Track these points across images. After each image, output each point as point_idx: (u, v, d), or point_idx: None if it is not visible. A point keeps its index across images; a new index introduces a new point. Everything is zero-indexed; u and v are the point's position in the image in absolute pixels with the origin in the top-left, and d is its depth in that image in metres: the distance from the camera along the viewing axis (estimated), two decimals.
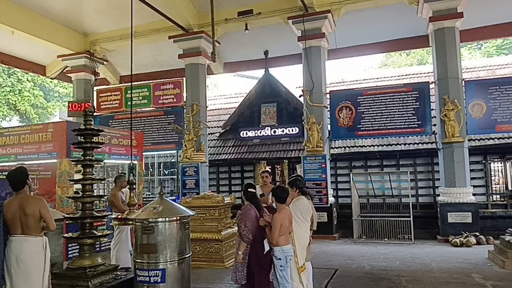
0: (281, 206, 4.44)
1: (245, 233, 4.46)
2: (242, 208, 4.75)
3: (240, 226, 4.52)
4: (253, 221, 4.54)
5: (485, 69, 14.09)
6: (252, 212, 4.61)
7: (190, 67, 12.45)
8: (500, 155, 11.44)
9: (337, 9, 10.95)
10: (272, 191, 4.60)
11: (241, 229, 4.50)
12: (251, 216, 4.56)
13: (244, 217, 4.55)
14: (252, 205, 4.69)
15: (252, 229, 4.48)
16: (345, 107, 11.21)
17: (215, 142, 14.50)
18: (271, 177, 6.74)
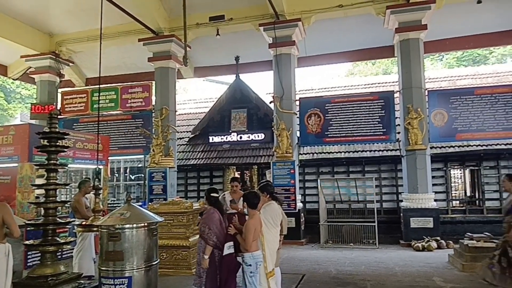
0: (253, 212, 4.44)
1: (209, 236, 4.51)
2: (205, 212, 4.81)
3: (204, 229, 4.57)
4: (218, 224, 4.60)
5: (446, 80, 14.73)
6: (216, 216, 4.68)
7: (160, 70, 12.31)
8: (460, 162, 11.97)
9: (307, 17, 11.16)
10: (244, 197, 4.59)
11: (204, 233, 4.55)
12: (215, 220, 4.63)
13: (208, 221, 4.61)
14: (215, 209, 4.77)
15: (217, 232, 4.55)
16: (313, 114, 11.40)
17: (184, 147, 14.36)
18: (240, 184, 6.74)
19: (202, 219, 4.75)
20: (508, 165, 11.54)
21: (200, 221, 4.80)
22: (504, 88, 10.61)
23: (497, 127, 10.34)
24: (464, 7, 10.55)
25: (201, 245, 4.68)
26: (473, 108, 10.51)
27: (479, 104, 10.49)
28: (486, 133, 10.44)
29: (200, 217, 4.86)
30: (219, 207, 4.84)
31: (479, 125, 10.44)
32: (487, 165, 11.66)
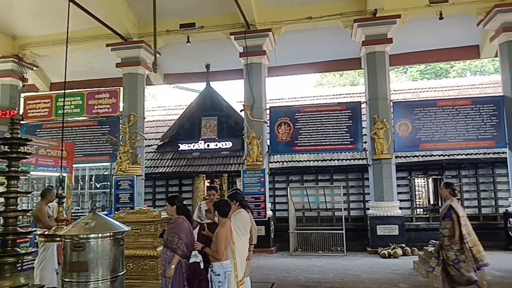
0: (223, 220, 4.40)
1: (179, 246, 4.38)
2: (172, 221, 4.67)
3: (173, 239, 4.41)
4: (187, 233, 4.48)
5: (410, 92, 15.28)
6: (186, 225, 4.56)
7: (128, 76, 12.09)
8: (423, 171, 12.40)
9: (277, 28, 11.32)
10: (216, 205, 4.54)
11: (173, 243, 4.40)
12: (185, 229, 4.51)
13: (177, 230, 4.46)
14: (184, 218, 4.64)
15: (187, 242, 4.42)
16: (283, 123, 11.52)
17: (152, 155, 14.12)
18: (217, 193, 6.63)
19: (170, 228, 4.57)
20: (469, 174, 12.07)
21: (167, 230, 4.59)
22: (464, 101, 11.12)
23: (458, 138, 10.79)
24: (427, 22, 11.01)
25: (167, 256, 4.50)
26: (436, 119, 10.94)
27: (442, 116, 10.93)
28: (448, 144, 10.88)
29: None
30: (187, 215, 4.73)
31: (442, 135, 10.86)
32: (449, 174, 12.14)
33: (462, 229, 5.58)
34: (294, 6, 11.17)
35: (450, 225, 5.69)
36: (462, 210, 5.74)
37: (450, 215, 5.70)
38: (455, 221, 5.63)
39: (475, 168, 12.01)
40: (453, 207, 5.70)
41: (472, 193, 11.98)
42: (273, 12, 11.32)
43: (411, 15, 10.71)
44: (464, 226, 5.60)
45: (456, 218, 5.63)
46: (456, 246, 5.62)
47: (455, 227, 5.61)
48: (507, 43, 10.29)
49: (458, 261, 5.61)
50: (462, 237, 5.58)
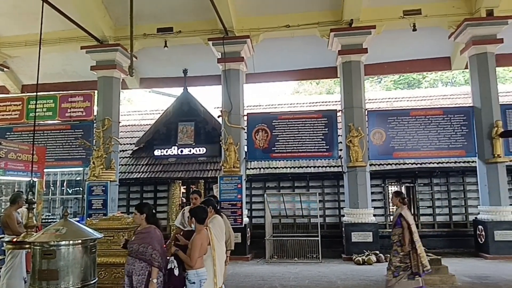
0: (200, 227, 4.35)
1: (155, 257, 4.17)
2: (142, 230, 4.38)
3: (145, 250, 4.16)
4: (162, 243, 4.30)
5: (384, 101, 15.63)
6: (159, 235, 4.36)
7: (103, 80, 11.86)
8: (397, 179, 12.67)
9: (255, 35, 11.39)
10: (193, 211, 4.47)
11: (147, 254, 4.15)
12: (159, 239, 4.31)
13: (150, 240, 4.23)
14: (156, 227, 4.41)
15: (162, 253, 4.25)
16: (261, 130, 11.55)
17: (127, 160, 13.87)
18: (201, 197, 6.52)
19: (141, 238, 4.25)
20: (440, 182, 12.40)
21: (138, 240, 4.29)
22: (436, 111, 11.46)
23: (430, 146, 11.09)
24: (401, 34, 11.31)
25: (135, 268, 4.21)
26: (409, 128, 11.22)
27: (414, 125, 11.21)
28: (420, 152, 11.16)
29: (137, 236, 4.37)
30: (157, 225, 4.49)
31: (414, 144, 11.14)
32: (421, 182, 12.44)
33: (412, 236, 5.85)
34: (272, 14, 11.27)
35: (400, 231, 5.96)
36: (411, 218, 6.01)
37: (401, 222, 5.96)
38: (405, 228, 5.88)
39: (446, 176, 12.36)
40: (403, 215, 5.94)
41: (443, 201, 12.31)
42: (252, 19, 11.39)
43: (385, 26, 11.00)
44: (414, 233, 5.87)
45: (407, 225, 5.87)
46: (403, 252, 5.88)
47: (405, 234, 5.87)
48: (476, 56, 10.69)
49: (399, 268, 5.88)
50: (413, 244, 5.84)
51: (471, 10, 10.69)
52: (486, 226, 9.99)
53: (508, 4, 10.03)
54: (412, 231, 5.85)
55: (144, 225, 4.39)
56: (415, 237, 5.85)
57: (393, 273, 5.93)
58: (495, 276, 7.81)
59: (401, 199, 6.16)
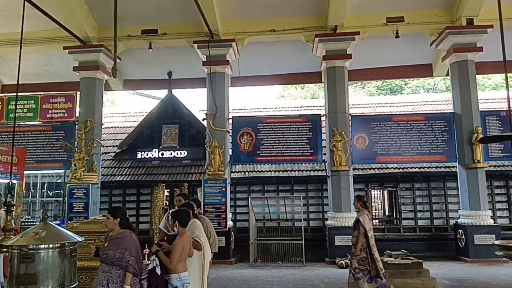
0: (183, 230, 4.33)
1: (131, 263, 3.99)
2: (116, 236, 4.13)
3: (123, 256, 3.97)
4: (138, 249, 4.11)
5: (368, 106, 15.83)
6: (135, 240, 4.16)
7: (86, 81, 11.68)
8: (379, 183, 12.81)
9: (241, 39, 11.42)
10: (176, 215, 4.43)
11: (123, 260, 3.97)
12: (136, 244, 4.12)
13: (127, 245, 4.03)
14: (132, 232, 4.21)
15: (138, 258, 4.06)
16: (246, 133, 11.55)
17: (109, 163, 13.66)
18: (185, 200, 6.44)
19: (116, 243, 4.02)
20: (422, 187, 12.59)
21: (113, 246, 4.02)
22: (418, 116, 11.66)
23: (412, 151, 11.28)
24: (385, 40, 11.50)
25: (112, 276, 4.01)
26: (391, 133, 11.38)
27: (397, 130, 11.38)
28: (403, 157, 11.34)
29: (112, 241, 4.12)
30: (133, 229, 4.31)
31: (396, 149, 11.30)
32: (403, 186, 12.61)
33: (370, 240, 6.01)
34: (257, 18, 11.31)
35: (357, 234, 6.12)
36: (369, 223, 6.16)
37: (359, 226, 6.11)
38: (360, 233, 6.04)
39: (428, 181, 12.56)
40: (361, 220, 6.10)
41: (424, 205, 12.50)
42: (237, 23, 11.41)
43: (369, 33, 11.16)
44: (371, 238, 6.03)
45: (364, 230, 6.02)
46: (360, 256, 6.03)
47: (359, 238, 6.03)
48: (457, 63, 10.94)
49: (359, 270, 6.02)
50: (370, 248, 6.01)
51: (452, 18, 10.95)
52: (466, 230, 10.18)
53: (487, 14, 10.29)
54: (368, 236, 6.01)
55: (118, 230, 4.16)
56: (371, 242, 6.01)
57: (354, 275, 6.06)
58: (474, 279, 7.96)
59: (362, 203, 6.31)
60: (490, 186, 12.05)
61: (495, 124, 11.29)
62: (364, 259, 6.03)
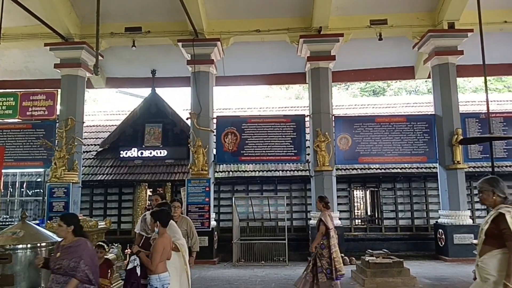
0: (163, 230, 4.29)
1: (88, 273, 3.58)
2: (70, 244, 3.68)
3: (77, 265, 3.53)
4: (94, 258, 3.78)
5: (351, 108, 15.99)
6: (91, 248, 3.78)
7: (67, 78, 11.46)
8: (362, 183, 12.96)
9: (226, 38, 11.39)
10: (156, 215, 4.38)
11: (78, 269, 3.52)
12: (91, 253, 3.76)
13: (82, 253, 3.60)
14: (87, 239, 3.81)
15: (94, 268, 3.69)
16: (230, 133, 11.53)
17: (90, 161, 13.45)
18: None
19: (70, 252, 3.60)
20: (403, 187, 12.78)
21: (66, 255, 3.60)
22: (399, 118, 11.83)
23: (394, 152, 11.43)
24: (368, 43, 11.62)
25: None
26: (374, 134, 11.52)
27: (379, 131, 11.53)
28: (385, 158, 11.49)
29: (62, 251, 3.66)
30: (88, 237, 3.90)
31: (379, 150, 11.45)
32: (385, 186, 12.79)
33: (330, 240, 6.10)
34: (242, 18, 11.31)
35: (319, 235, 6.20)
36: (331, 223, 6.26)
37: (321, 226, 6.21)
38: (320, 232, 6.15)
39: (409, 181, 12.76)
40: (323, 220, 6.21)
41: (406, 205, 12.70)
42: (222, 22, 11.38)
43: (353, 35, 11.27)
44: (332, 237, 6.13)
45: (325, 229, 6.12)
46: (326, 255, 6.12)
47: (317, 236, 6.16)
48: (438, 66, 11.14)
49: (330, 271, 6.10)
50: (330, 248, 6.12)
51: (434, 22, 11.15)
52: (446, 230, 10.38)
53: (468, 18, 10.51)
54: (330, 235, 6.10)
55: (71, 238, 3.72)
56: (332, 241, 6.11)
57: (326, 275, 6.11)
58: (453, 278, 8.12)
59: (324, 204, 6.41)
60: (469, 186, 12.29)
61: (474, 126, 11.56)
62: (329, 258, 6.12)
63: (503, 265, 2.98)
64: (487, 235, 3.16)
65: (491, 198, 3.24)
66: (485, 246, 3.16)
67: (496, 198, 3.21)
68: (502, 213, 3.02)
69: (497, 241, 3.05)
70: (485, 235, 3.18)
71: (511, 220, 2.95)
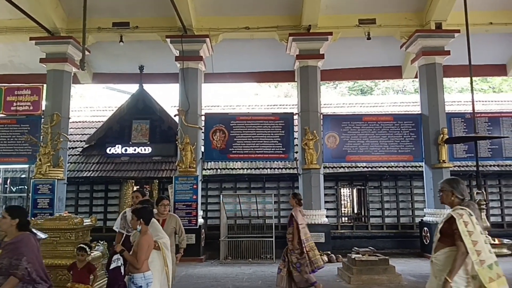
0: (146, 228, 4.24)
1: (30, 270, 3.29)
2: (12, 241, 3.40)
3: (18, 263, 3.24)
4: (38, 255, 3.48)
5: (339, 106, 16.06)
6: (34, 244, 3.49)
7: (53, 73, 11.27)
8: (349, 182, 13.05)
9: (215, 35, 11.33)
10: (139, 212, 4.32)
11: (19, 268, 3.23)
12: (35, 249, 3.48)
13: (25, 250, 3.33)
14: (31, 234, 3.54)
15: (38, 265, 3.42)
16: (219, 130, 11.49)
17: (76, 158, 13.27)
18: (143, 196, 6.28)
19: (12, 250, 3.31)
20: (389, 185, 12.92)
21: (9, 253, 3.30)
22: (387, 117, 11.94)
23: (381, 151, 11.54)
24: (357, 42, 11.69)
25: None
26: (361, 133, 11.60)
27: (366, 130, 11.61)
28: (372, 156, 11.58)
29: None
30: (33, 233, 3.62)
31: (366, 148, 11.54)
32: (372, 185, 12.90)
33: (300, 235, 6.16)
34: (232, 15, 11.26)
35: (292, 231, 6.28)
36: (302, 219, 6.36)
37: (293, 222, 6.29)
38: (295, 228, 6.21)
39: (395, 180, 12.89)
40: (294, 216, 6.29)
41: (392, 203, 12.83)
42: (211, 19, 11.31)
43: (342, 34, 11.31)
44: (303, 232, 6.20)
45: (296, 225, 6.19)
46: (297, 250, 6.19)
47: (294, 233, 6.20)
48: (425, 66, 11.26)
49: (300, 264, 6.16)
50: (301, 242, 6.17)
51: (422, 22, 11.26)
52: (431, 228, 10.51)
53: (455, 19, 10.63)
54: (300, 230, 6.16)
55: (14, 233, 3.42)
56: (304, 235, 6.18)
57: (296, 269, 6.17)
58: None
59: (297, 200, 6.49)
60: None
61: (460, 125, 11.73)
62: (301, 252, 6.17)
63: (452, 262, 3.16)
64: (442, 233, 3.34)
65: (450, 198, 3.42)
66: (440, 243, 3.35)
67: (454, 199, 3.39)
68: (453, 216, 3.21)
69: (450, 239, 3.22)
70: (440, 234, 3.36)
71: (462, 224, 3.13)
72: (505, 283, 3.09)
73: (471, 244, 3.06)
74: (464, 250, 3.07)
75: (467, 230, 3.10)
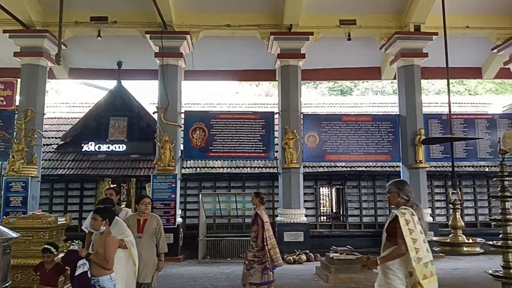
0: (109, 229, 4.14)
1: None
2: None
3: None
4: None
5: (319, 106, 16.17)
6: None
7: (28, 67, 10.93)
8: (328, 181, 13.15)
9: (196, 32, 11.20)
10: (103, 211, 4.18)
11: None
12: None
13: None
14: None
15: None
16: (198, 128, 11.37)
17: (51, 155, 12.91)
18: (118, 197, 6.13)
19: None
20: (367, 185, 13.08)
21: None
22: (366, 117, 12.08)
23: (359, 151, 11.66)
24: (337, 42, 11.75)
25: None
26: (340, 133, 11.69)
27: (346, 130, 11.71)
28: (350, 156, 11.69)
29: None
30: None
31: (345, 148, 11.63)
32: (350, 184, 13.04)
33: (265, 232, 6.25)
34: (213, 12, 11.16)
35: (256, 229, 6.36)
36: (266, 217, 6.45)
37: (258, 221, 6.37)
38: (260, 226, 6.30)
39: (373, 179, 13.06)
40: (259, 214, 6.38)
41: (369, 203, 13.00)
42: (192, 15, 11.19)
43: (323, 34, 11.37)
44: (266, 230, 6.29)
45: (261, 223, 6.28)
46: (258, 247, 6.27)
47: (259, 231, 6.29)
48: (404, 67, 11.44)
49: (253, 262, 6.25)
50: (264, 240, 6.25)
51: (401, 24, 11.43)
52: None
53: (433, 22, 10.82)
54: (265, 228, 6.24)
55: None
56: (267, 233, 6.25)
57: (247, 266, 6.25)
58: None
59: (260, 199, 6.57)
60: (430, 185, 12.74)
61: (436, 127, 11.97)
62: (260, 250, 6.23)
63: (400, 260, 3.32)
64: (388, 233, 3.48)
65: (396, 199, 3.61)
66: (387, 242, 3.50)
67: (400, 200, 3.58)
68: (397, 215, 3.34)
69: (395, 238, 3.34)
70: (387, 233, 3.51)
71: (404, 222, 3.26)
72: (435, 281, 3.29)
73: (411, 242, 3.21)
74: (404, 248, 3.21)
75: (408, 228, 3.24)
